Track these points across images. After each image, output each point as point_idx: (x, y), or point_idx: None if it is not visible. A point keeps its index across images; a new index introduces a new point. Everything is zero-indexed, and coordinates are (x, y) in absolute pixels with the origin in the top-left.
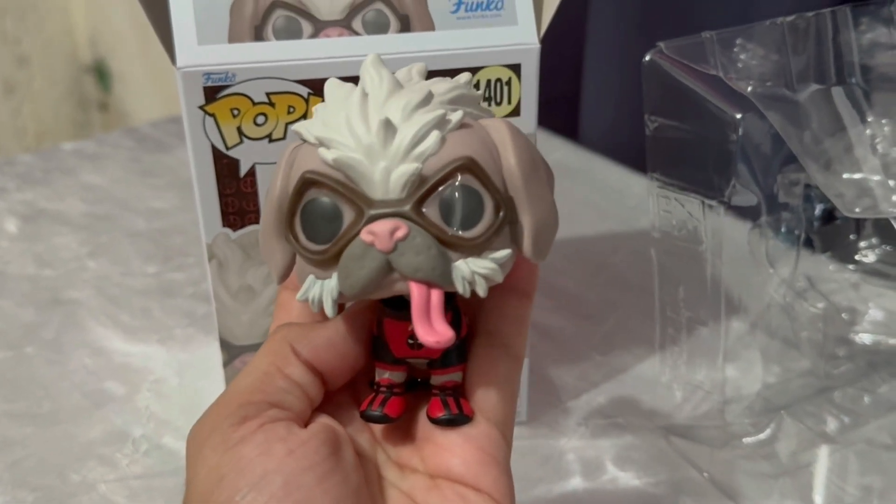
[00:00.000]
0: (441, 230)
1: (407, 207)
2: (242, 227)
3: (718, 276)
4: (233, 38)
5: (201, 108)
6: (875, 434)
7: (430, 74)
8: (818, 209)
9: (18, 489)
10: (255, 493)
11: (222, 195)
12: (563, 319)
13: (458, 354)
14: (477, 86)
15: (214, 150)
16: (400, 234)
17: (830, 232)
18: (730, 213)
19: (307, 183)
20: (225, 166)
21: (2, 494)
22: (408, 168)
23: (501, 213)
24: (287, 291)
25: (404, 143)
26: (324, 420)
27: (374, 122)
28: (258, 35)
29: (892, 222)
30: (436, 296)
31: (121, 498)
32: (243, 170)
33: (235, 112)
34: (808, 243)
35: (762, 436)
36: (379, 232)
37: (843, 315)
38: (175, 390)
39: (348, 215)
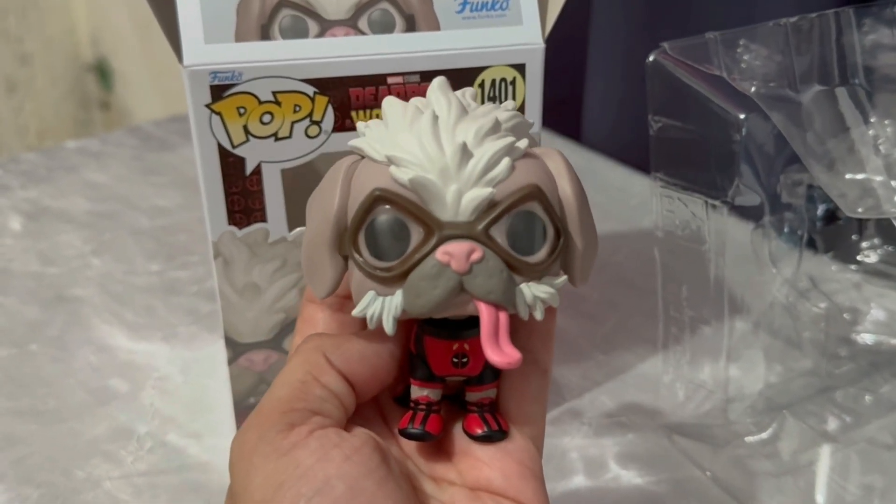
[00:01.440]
0: (509, 255)
1: (477, 230)
2: (248, 225)
3: (721, 275)
4: (239, 37)
5: (208, 106)
6: (877, 433)
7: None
8: (821, 209)
9: (23, 486)
10: (320, 498)
11: (228, 193)
12: (566, 319)
13: (492, 371)
14: (482, 85)
15: (220, 148)
16: (476, 256)
17: (833, 232)
18: (733, 213)
19: (377, 200)
20: (231, 164)
21: (7, 491)
22: (481, 192)
23: (562, 240)
24: (312, 305)
25: (478, 168)
26: (363, 430)
27: (447, 145)
28: (265, 34)
29: (894, 222)
30: (504, 318)
31: (125, 495)
32: (249, 168)
33: (242, 111)
34: (811, 243)
35: (764, 435)
36: (456, 253)
37: (845, 315)
38: (179, 387)
39: (416, 235)
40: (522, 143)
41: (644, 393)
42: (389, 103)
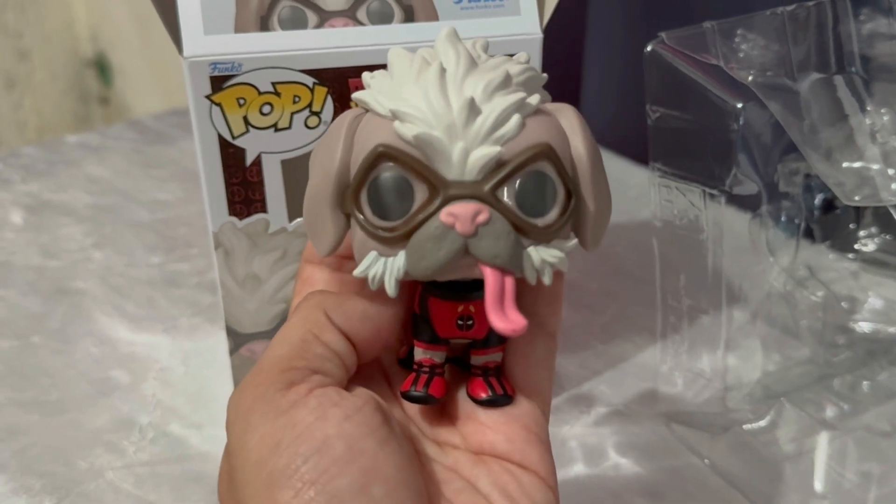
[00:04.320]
0: (516, 216)
1: (484, 190)
2: (248, 215)
3: (719, 265)
4: (239, 28)
5: (208, 97)
6: (874, 421)
7: None
8: (818, 198)
9: (26, 476)
10: (318, 458)
11: (228, 184)
12: (565, 309)
13: (498, 335)
14: None
15: (221, 139)
16: (482, 218)
17: (830, 221)
18: (731, 202)
19: (380, 156)
20: (231, 155)
21: (10, 481)
22: (488, 151)
23: (572, 202)
24: (310, 266)
25: (487, 125)
26: (365, 389)
27: (455, 101)
28: (264, 25)
29: (892, 211)
30: (509, 283)
31: (127, 485)
32: (249, 159)
33: (241, 101)
34: (808, 232)
35: (762, 423)
36: (461, 214)
37: (842, 303)
38: (181, 378)
39: (420, 194)
40: (534, 99)
41: (643, 382)
42: (396, 53)
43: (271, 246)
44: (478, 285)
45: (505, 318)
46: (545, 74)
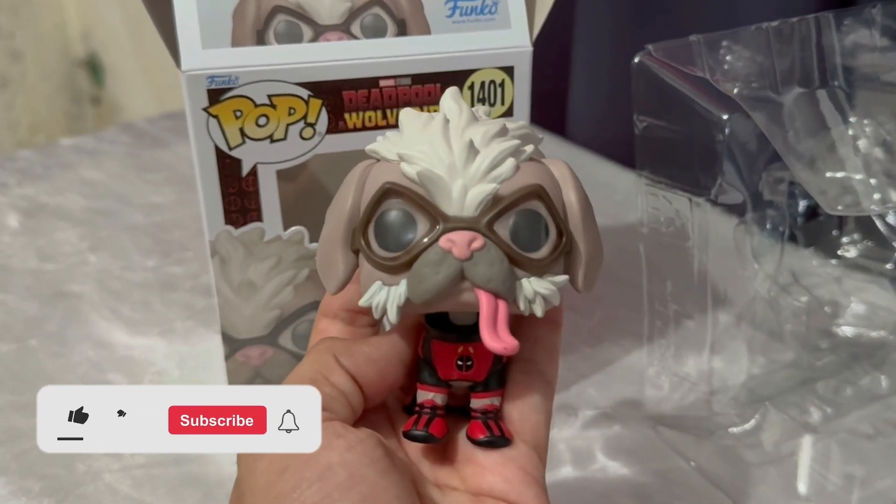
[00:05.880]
0: (510, 248)
1: (481, 224)
2: (244, 224)
3: (705, 270)
4: (236, 42)
5: (205, 109)
6: (857, 424)
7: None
8: (802, 206)
9: (25, 479)
10: (321, 484)
11: (225, 194)
12: None
13: (497, 380)
14: (471, 87)
15: (217, 150)
16: (477, 244)
17: (814, 228)
18: (716, 210)
19: (387, 192)
20: (227, 166)
21: (9, 484)
22: (485, 188)
23: (564, 239)
24: (326, 319)
25: (484, 165)
26: (368, 429)
27: (456, 144)
28: (260, 39)
29: (874, 219)
30: (503, 306)
31: (125, 487)
32: (245, 169)
33: (238, 114)
34: (793, 239)
35: (747, 426)
36: (458, 240)
37: (826, 308)
38: (176, 382)
39: (422, 227)
40: (528, 148)
41: (630, 385)
42: (406, 113)
43: (266, 254)
44: (477, 329)
45: (498, 339)
46: (542, 136)
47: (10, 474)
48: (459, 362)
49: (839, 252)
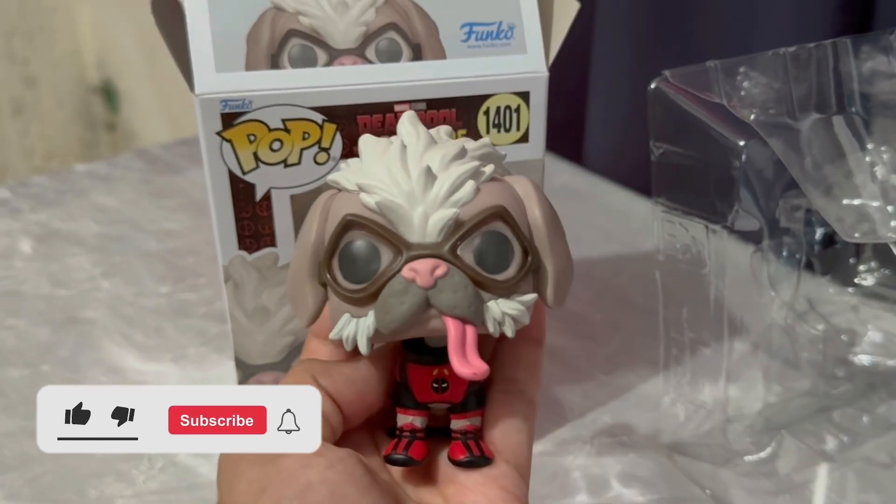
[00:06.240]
0: (475, 272)
1: (444, 250)
2: (258, 249)
3: (721, 298)
4: (250, 65)
5: (219, 133)
6: (873, 453)
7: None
8: (819, 233)
9: None
10: (301, 501)
11: (238, 219)
12: (569, 340)
13: (477, 400)
14: (487, 113)
15: (231, 174)
16: (440, 271)
17: (830, 256)
18: (733, 237)
19: (348, 225)
20: (241, 190)
21: None
22: (445, 213)
23: (530, 259)
24: (316, 340)
25: (443, 190)
26: (348, 448)
27: (414, 171)
28: (274, 63)
29: (891, 247)
30: (470, 331)
31: None
32: (259, 194)
33: (252, 138)
34: (809, 266)
35: (763, 454)
36: (420, 269)
37: (842, 336)
38: None
39: (386, 256)
40: (488, 169)
41: (645, 413)
42: (364, 140)
43: (280, 279)
44: None
45: (467, 364)
46: (504, 153)
47: (22, 499)
48: (435, 385)
49: (856, 280)
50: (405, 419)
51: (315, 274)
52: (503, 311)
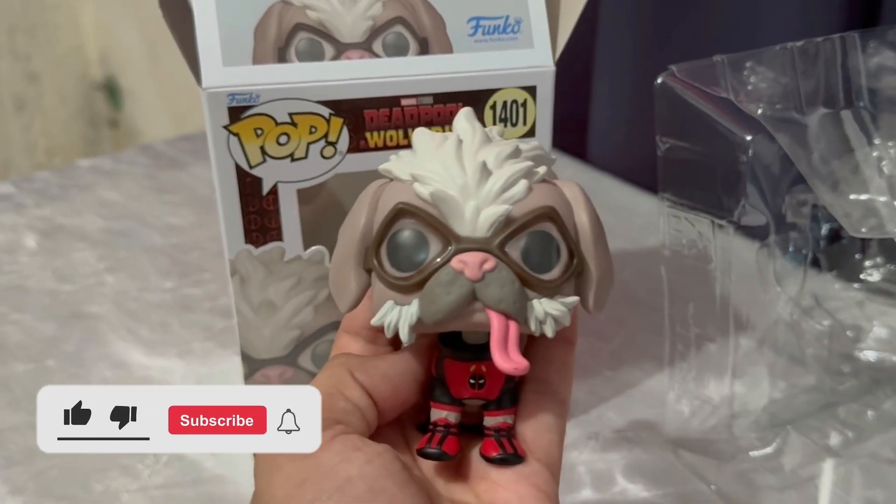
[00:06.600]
0: (522, 269)
1: (493, 245)
2: (264, 243)
3: (727, 293)
4: (257, 59)
5: (226, 127)
6: (878, 448)
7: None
8: (825, 229)
9: (43, 498)
10: (340, 496)
11: (245, 213)
12: None
13: (510, 398)
14: (493, 107)
15: (238, 168)
16: (488, 265)
17: (837, 251)
18: (739, 232)
19: (400, 213)
20: (248, 184)
21: (27, 503)
22: (497, 209)
23: (575, 261)
24: (347, 336)
25: (496, 187)
26: (384, 444)
27: (469, 165)
28: (281, 57)
29: None
30: (513, 327)
31: None
32: (266, 188)
33: (259, 132)
34: (815, 262)
35: (768, 450)
36: (469, 261)
37: (848, 332)
38: None
39: (435, 247)
40: (541, 170)
41: (650, 408)
42: (419, 133)
43: (286, 273)
44: (489, 347)
45: (508, 359)
46: (554, 157)
47: (27, 494)
48: (472, 381)
49: (862, 276)
50: (439, 414)
51: (360, 260)
52: (546, 310)
